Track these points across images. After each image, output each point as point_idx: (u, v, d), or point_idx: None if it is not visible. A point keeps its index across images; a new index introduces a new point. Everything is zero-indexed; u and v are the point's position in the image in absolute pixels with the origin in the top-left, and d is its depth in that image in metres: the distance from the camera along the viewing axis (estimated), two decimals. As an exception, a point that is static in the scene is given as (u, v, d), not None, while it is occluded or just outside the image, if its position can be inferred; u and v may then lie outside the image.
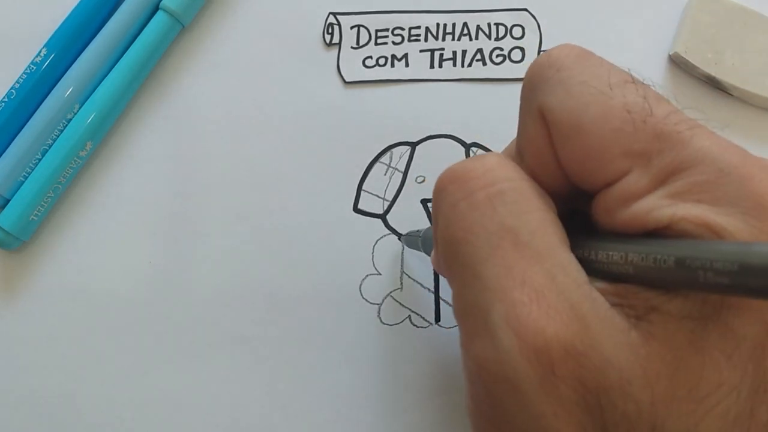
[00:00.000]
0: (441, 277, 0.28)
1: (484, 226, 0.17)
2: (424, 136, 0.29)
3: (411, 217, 0.28)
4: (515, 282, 0.16)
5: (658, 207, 0.15)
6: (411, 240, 0.26)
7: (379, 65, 0.30)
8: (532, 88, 0.18)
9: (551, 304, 0.15)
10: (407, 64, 0.30)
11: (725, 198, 0.15)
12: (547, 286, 0.15)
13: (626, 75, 0.17)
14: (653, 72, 0.29)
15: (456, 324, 0.27)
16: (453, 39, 0.30)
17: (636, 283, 0.15)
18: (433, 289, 0.28)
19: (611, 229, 0.17)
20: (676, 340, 0.15)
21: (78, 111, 0.28)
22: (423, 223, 0.28)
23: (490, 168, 0.17)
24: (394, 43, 0.30)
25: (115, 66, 0.29)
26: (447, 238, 0.18)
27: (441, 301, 0.28)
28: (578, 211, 0.18)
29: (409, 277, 0.28)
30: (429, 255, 0.25)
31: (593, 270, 0.16)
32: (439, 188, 0.18)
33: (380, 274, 0.28)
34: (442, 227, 0.18)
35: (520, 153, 0.19)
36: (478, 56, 0.30)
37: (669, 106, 0.17)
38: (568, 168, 0.17)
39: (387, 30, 0.30)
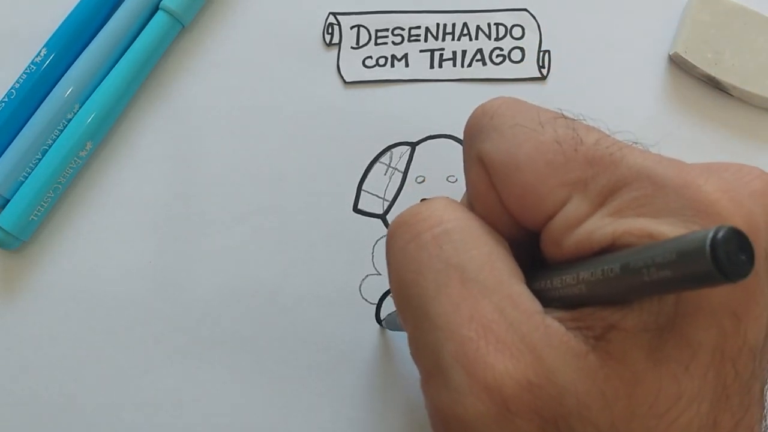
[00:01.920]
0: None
1: (431, 266, 0.17)
2: (424, 136, 0.29)
3: (411, 217, 0.28)
4: (463, 319, 0.16)
5: (600, 227, 0.16)
6: (393, 322, 0.26)
7: (379, 65, 0.30)
8: (471, 137, 0.19)
9: (500, 338, 0.15)
10: (407, 64, 0.30)
11: (666, 209, 0.15)
12: (495, 321, 0.16)
13: (556, 113, 0.18)
14: (653, 72, 0.29)
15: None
16: (453, 39, 0.30)
17: (592, 302, 0.15)
18: (433, 289, 0.28)
19: (562, 260, 0.17)
20: (634, 355, 0.15)
21: (78, 111, 0.28)
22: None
23: (435, 210, 0.18)
24: (394, 43, 0.30)
25: (115, 66, 0.29)
26: (397, 281, 0.18)
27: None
28: (535, 253, 0.18)
29: (409, 277, 0.28)
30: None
31: (551, 299, 0.16)
32: (390, 234, 0.19)
33: (380, 274, 0.28)
34: (393, 271, 0.18)
35: (470, 202, 0.19)
36: (478, 56, 0.30)
37: (598, 133, 0.17)
38: (511, 208, 0.18)
39: (387, 30, 0.30)
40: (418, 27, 0.30)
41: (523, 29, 0.30)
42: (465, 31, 0.30)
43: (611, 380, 0.15)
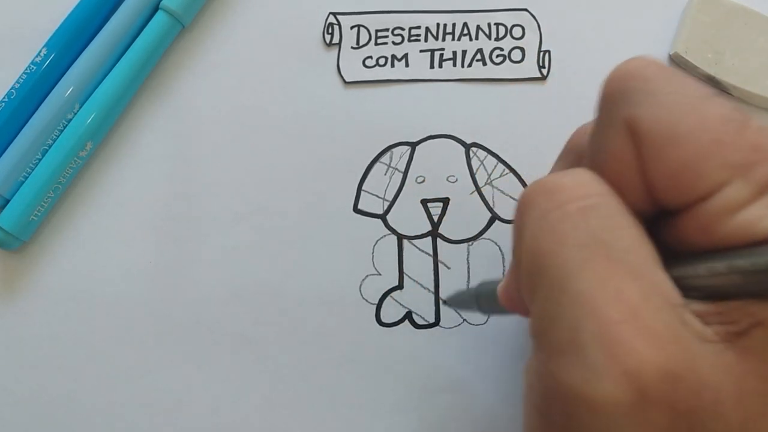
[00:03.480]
0: (441, 277, 0.28)
1: (576, 238, 0.16)
2: (424, 136, 0.29)
3: (411, 217, 0.28)
4: (608, 297, 0.15)
5: (764, 216, 0.15)
6: (461, 300, 0.26)
7: (379, 65, 0.30)
8: (615, 100, 0.17)
9: (646, 324, 0.15)
10: (407, 64, 0.30)
11: None
12: (642, 305, 0.15)
13: (710, 89, 0.17)
14: (653, 72, 0.29)
15: (456, 325, 0.27)
16: (453, 39, 0.30)
17: (741, 295, 0.15)
18: (433, 289, 0.28)
19: (707, 245, 0.16)
20: None
21: (78, 111, 0.28)
22: (423, 222, 0.28)
23: (582, 182, 0.17)
24: (394, 43, 0.30)
25: (115, 66, 0.29)
26: (533, 251, 0.17)
27: (441, 301, 0.28)
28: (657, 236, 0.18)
29: (409, 277, 0.28)
30: (485, 313, 0.25)
31: (688, 290, 0.16)
32: (526, 201, 0.17)
33: (380, 274, 0.28)
34: (529, 239, 0.17)
35: (596, 170, 0.18)
36: (478, 56, 0.30)
37: (758, 120, 0.16)
38: (659, 183, 0.16)
39: (387, 30, 0.30)
40: (418, 27, 0.30)
41: (523, 29, 0.30)
42: (465, 31, 0.30)
43: (749, 377, 0.14)
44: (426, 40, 0.30)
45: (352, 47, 0.30)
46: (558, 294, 0.16)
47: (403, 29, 0.30)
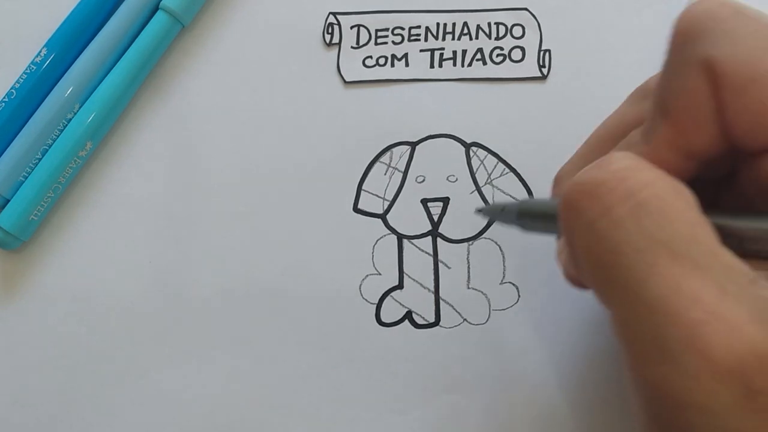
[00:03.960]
0: (441, 277, 0.28)
1: (632, 245, 0.15)
2: (424, 136, 0.29)
3: (411, 216, 0.28)
4: (687, 300, 0.15)
5: None
6: (496, 212, 0.24)
7: (379, 65, 0.30)
8: (690, 39, 0.17)
9: (731, 315, 0.14)
10: (407, 64, 0.30)
11: None
12: (720, 298, 0.14)
13: None
14: (653, 72, 0.29)
15: (456, 324, 0.27)
16: (453, 39, 0.30)
17: None
18: (433, 289, 0.28)
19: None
20: None
21: (78, 111, 0.28)
22: (423, 222, 0.28)
23: (623, 177, 0.16)
24: (394, 42, 0.30)
25: (115, 66, 0.29)
26: (593, 262, 0.16)
27: (441, 301, 0.28)
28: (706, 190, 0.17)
29: (409, 277, 0.28)
30: (528, 230, 0.22)
31: (750, 251, 0.15)
32: (570, 205, 0.17)
33: (380, 274, 0.28)
34: (583, 250, 0.17)
35: (666, 113, 0.17)
36: (478, 56, 0.30)
37: None
38: (738, 124, 0.16)
39: (387, 30, 0.30)
40: (419, 27, 0.30)
41: (523, 29, 0.30)
42: (465, 31, 0.30)
43: None
44: (426, 39, 0.30)
45: (352, 47, 0.30)
46: (634, 304, 0.15)
47: (403, 29, 0.30)
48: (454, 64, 0.30)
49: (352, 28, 0.30)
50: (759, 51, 0.16)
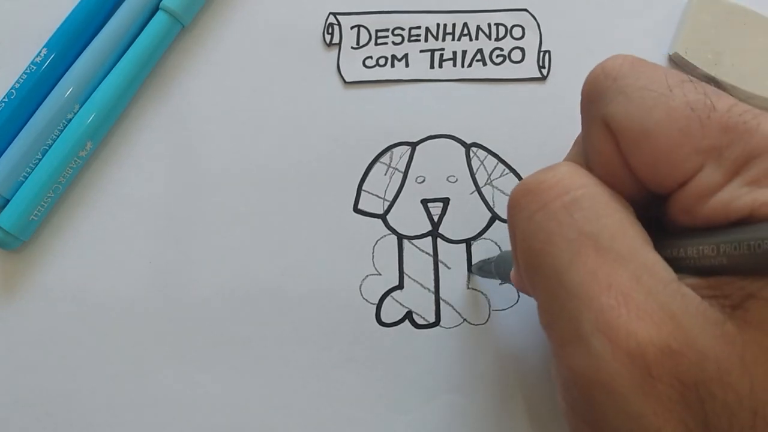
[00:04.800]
0: (441, 277, 0.28)
1: (562, 235, 0.17)
2: (424, 136, 0.29)
3: (411, 217, 0.28)
4: (601, 287, 0.16)
5: (738, 196, 0.16)
6: (484, 269, 0.26)
7: (379, 65, 0.30)
8: (592, 100, 0.18)
9: (640, 305, 0.15)
10: (407, 64, 0.30)
11: None
12: (633, 288, 0.15)
13: (682, 75, 0.17)
14: (653, 72, 0.29)
15: (456, 324, 0.27)
16: (453, 39, 0.30)
17: (730, 273, 0.15)
18: (433, 289, 0.28)
19: (692, 227, 0.17)
20: None
21: (78, 111, 0.28)
22: (423, 222, 0.28)
23: (562, 177, 0.17)
24: (394, 43, 0.30)
25: (115, 66, 0.29)
26: (526, 251, 0.18)
27: (441, 301, 0.28)
28: (652, 216, 0.18)
29: (409, 277, 0.28)
30: (503, 280, 0.25)
31: (682, 268, 0.16)
32: (513, 203, 0.18)
33: (380, 274, 0.28)
34: (520, 240, 0.18)
35: (587, 163, 0.19)
36: (478, 56, 0.30)
37: (729, 99, 0.17)
38: (640, 173, 0.17)
39: (387, 30, 0.30)
40: (419, 27, 0.30)
41: (523, 29, 0.30)
42: (465, 31, 0.30)
43: (750, 347, 0.15)
44: (426, 40, 0.30)
45: (352, 47, 0.30)
46: (555, 289, 0.17)
47: (403, 29, 0.30)
48: (454, 65, 0.30)
49: (352, 28, 0.30)
50: (646, 106, 0.17)
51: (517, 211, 0.18)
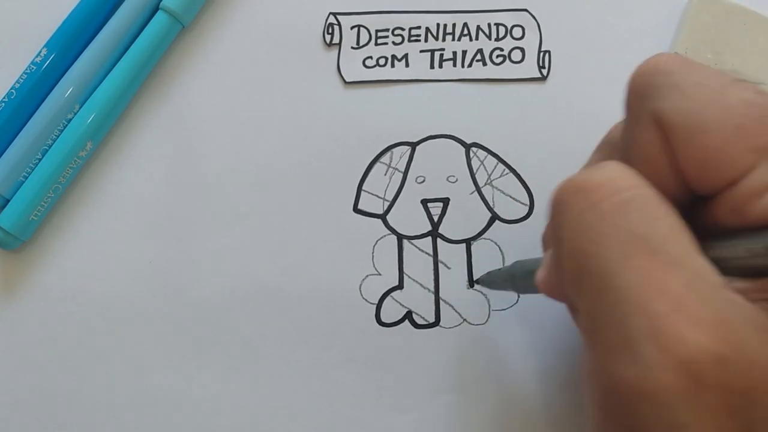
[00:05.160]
0: (441, 277, 0.28)
1: (614, 236, 0.16)
2: (424, 136, 0.29)
3: (411, 217, 0.28)
4: (654, 292, 0.15)
5: None
6: (493, 281, 0.26)
7: (379, 65, 0.30)
8: (642, 95, 0.18)
9: (693, 312, 0.15)
10: (407, 64, 0.30)
11: None
12: (686, 294, 0.15)
13: (734, 75, 0.17)
14: (653, 72, 0.29)
15: (456, 324, 0.27)
16: (453, 39, 0.30)
17: None
18: (433, 289, 0.28)
19: (741, 227, 0.16)
20: None
21: (78, 111, 0.28)
22: (423, 222, 0.28)
23: (613, 177, 0.17)
24: (394, 43, 0.30)
25: (115, 66, 0.29)
26: (574, 251, 0.17)
27: (441, 301, 0.28)
28: (691, 219, 0.18)
29: (409, 277, 0.28)
30: (520, 292, 0.25)
31: (729, 269, 0.16)
32: (560, 200, 0.18)
33: (380, 274, 0.28)
34: (568, 239, 0.17)
35: (629, 163, 0.18)
36: (478, 56, 0.30)
37: None
38: (689, 171, 0.17)
39: (387, 30, 0.30)
40: (419, 27, 0.30)
41: (523, 29, 0.30)
42: (465, 32, 0.30)
43: None
44: (426, 40, 0.30)
45: (352, 47, 0.30)
46: (604, 293, 0.16)
47: (403, 29, 0.30)
48: (454, 65, 0.30)
49: (352, 28, 0.30)
50: (702, 101, 0.17)
51: (564, 209, 0.18)
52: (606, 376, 0.16)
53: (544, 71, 0.30)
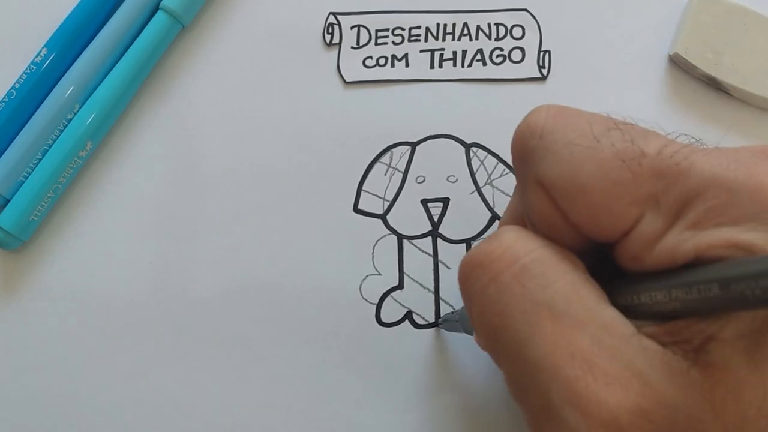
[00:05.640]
0: (441, 277, 0.28)
1: (517, 307, 0.16)
2: (424, 136, 0.29)
3: (411, 217, 0.28)
4: (564, 357, 0.15)
5: (682, 241, 0.15)
6: (450, 324, 0.26)
7: (379, 65, 0.30)
8: (522, 160, 0.18)
9: (605, 370, 0.15)
10: (407, 64, 0.30)
11: (743, 216, 0.15)
12: (596, 353, 0.15)
13: (608, 121, 0.17)
14: (653, 72, 0.29)
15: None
16: (453, 39, 0.30)
17: (686, 316, 0.15)
18: (433, 289, 0.28)
19: (643, 273, 0.16)
20: (734, 362, 0.15)
21: (78, 111, 0.28)
22: (423, 222, 0.28)
23: (509, 246, 0.17)
24: (394, 43, 0.30)
25: (115, 66, 0.29)
26: (484, 326, 0.17)
27: (441, 301, 0.28)
28: (605, 260, 0.18)
29: (409, 277, 0.28)
30: (471, 334, 0.25)
31: (639, 314, 0.16)
32: (464, 276, 0.18)
33: (380, 274, 0.28)
34: (476, 315, 0.18)
35: (530, 221, 0.18)
36: (478, 56, 0.30)
37: (658, 139, 0.17)
38: (581, 227, 0.17)
39: (387, 30, 0.30)
40: (419, 27, 0.30)
41: (523, 29, 0.30)
42: (465, 31, 0.30)
43: (717, 390, 0.15)
44: (426, 40, 0.30)
45: (352, 47, 0.30)
46: (518, 364, 0.16)
47: (403, 29, 0.30)
48: (454, 65, 0.30)
49: (352, 28, 0.30)
50: (576, 163, 0.17)
51: (468, 285, 0.18)
52: None
53: (544, 71, 0.30)
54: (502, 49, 0.30)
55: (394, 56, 0.30)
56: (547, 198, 0.17)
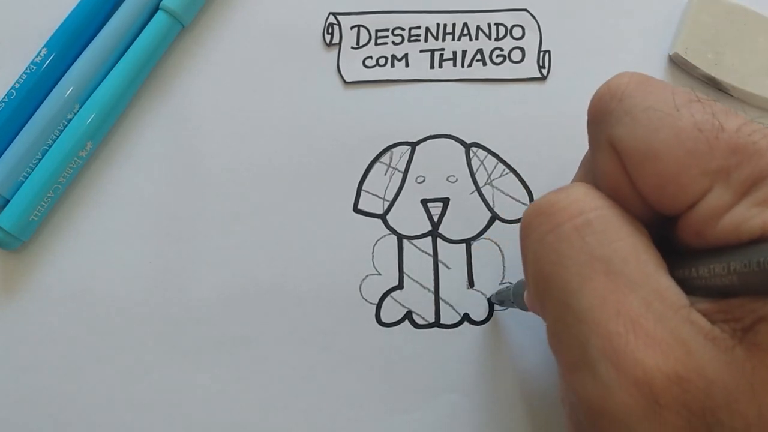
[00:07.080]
0: (441, 277, 0.28)
1: (573, 258, 0.16)
2: (424, 136, 0.29)
3: (411, 217, 0.28)
4: (610, 313, 0.15)
5: (748, 217, 0.15)
6: (503, 295, 0.26)
7: (379, 65, 0.30)
8: (598, 121, 0.18)
9: (648, 332, 0.15)
10: (407, 64, 0.30)
11: None
12: (643, 315, 0.15)
13: (690, 94, 0.17)
14: (653, 72, 0.29)
15: (454, 323, 0.27)
16: (453, 39, 0.30)
17: (741, 294, 0.15)
18: (432, 289, 0.28)
19: (704, 248, 0.16)
20: None
21: (78, 111, 0.28)
22: (423, 222, 0.28)
23: (576, 199, 0.17)
24: (394, 43, 0.30)
25: (115, 66, 0.29)
26: (536, 273, 0.17)
27: (441, 301, 0.28)
28: (665, 235, 0.18)
29: (409, 277, 0.28)
30: (523, 309, 0.25)
31: (695, 289, 0.16)
32: (526, 223, 0.18)
33: (380, 274, 0.28)
34: (531, 262, 0.18)
35: (596, 184, 0.18)
36: (478, 56, 0.30)
37: (738, 118, 0.17)
38: (648, 195, 0.17)
39: (387, 30, 0.30)
40: (419, 27, 0.30)
41: (523, 29, 0.30)
42: (465, 31, 0.30)
43: (759, 372, 0.15)
44: (426, 40, 0.30)
45: (352, 47, 0.30)
46: (564, 314, 0.16)
47: (403, 29, 0.30)
48: (454, 65, 0.30)
49: (352, 28, 0.30)
50: (653, 127, 0.17)
51: (528, 233, 0.18)
52: (571, 392, 0.17)
53: (544, 71, 0.30)
54: (502, 49, 0.30)
55: (394, 56, 0.30)
56: (617, 162, 0.17)
